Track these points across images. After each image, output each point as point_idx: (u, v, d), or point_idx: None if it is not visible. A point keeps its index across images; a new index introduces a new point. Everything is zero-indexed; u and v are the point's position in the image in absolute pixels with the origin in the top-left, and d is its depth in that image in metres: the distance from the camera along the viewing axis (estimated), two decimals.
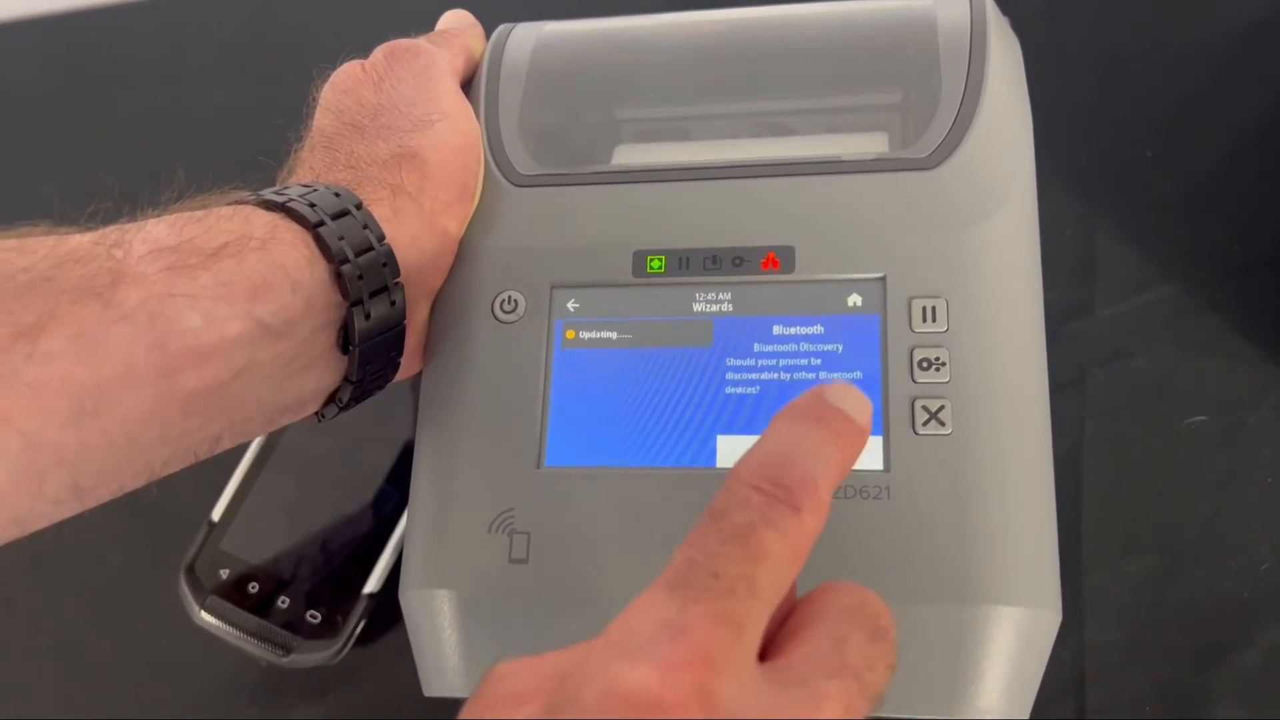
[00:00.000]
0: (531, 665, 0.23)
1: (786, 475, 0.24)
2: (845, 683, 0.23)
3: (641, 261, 0.36)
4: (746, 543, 0.23)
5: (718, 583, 0.22)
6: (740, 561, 0.23)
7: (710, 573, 0.22)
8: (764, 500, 0.24)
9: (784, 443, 0.25)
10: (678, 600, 0.22)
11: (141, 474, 0.31)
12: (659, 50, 0.43)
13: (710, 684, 0.21)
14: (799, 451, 0.25)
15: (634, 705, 0.20)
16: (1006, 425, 0.33)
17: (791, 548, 0.24)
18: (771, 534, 0.23)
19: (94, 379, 0.28)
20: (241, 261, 0.31)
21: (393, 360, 0.36)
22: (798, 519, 0.24)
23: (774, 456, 0.25)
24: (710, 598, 0.22)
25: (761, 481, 0.24)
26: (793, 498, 0.24)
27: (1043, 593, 0.32)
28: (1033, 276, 0.35)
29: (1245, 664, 0.40)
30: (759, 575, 0.23)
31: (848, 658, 0.23)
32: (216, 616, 0.45)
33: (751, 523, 0.23)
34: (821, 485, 0.24)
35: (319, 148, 0.37)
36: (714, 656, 0.21)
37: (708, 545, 0.23)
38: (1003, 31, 0.39)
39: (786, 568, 0.24)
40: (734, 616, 0.22)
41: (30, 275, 0.28)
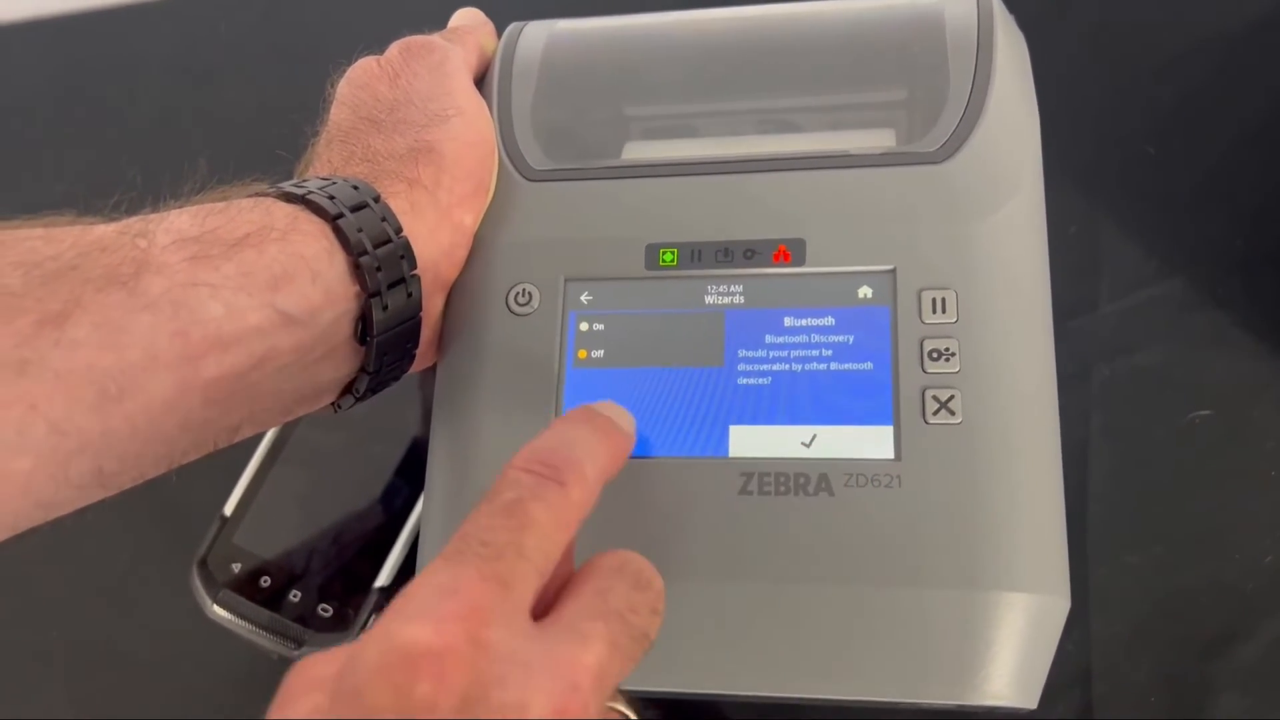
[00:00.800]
0: (328, 653, 0.24)
1: (553, 458, 0.27)
2: (609, 623, 0.26)
3: (654, 254, 0.37)
4: (513, 514, 0.26)
5: (486, 549, 0.25)
6: (508, 530, 0.25)
7: (480, 542, 0.25)
8: (532, 479, 0.27)
9: (554, 437, 0.29)
10: (450, 567, 0.25)
11: (163, 461, 0.31)
12: (668, 48, 0.43)
13: (481, 633, 0.23)
14: (566, 441, 0.28)
15: (410, 657, 0.22)
16: (1016, 414, 0.33)
17: (557, 517, 0.26)
18: (537, 505, 0.26)
19: (118, 366, 0.29)
20: (262, 252, 0.31)
21: (409, 351, 0.36)
22: (563, 492, 0.27)
23: (544, 446, 0.28)
24: (479, 561, 0.25)
25: (531, 464, 0.27)
26: (559, 475, 0.27)
27: (1052, 579, 0.32)
28: (1041, 268, 0.36)
29: (1249, 655, 0.41)
30: (526, 541, 0.25)
31: (611, 603, 0.26)
32: (229, 610, 0.45)
33: (520, 498, 0.26)
34: (587, 467, 0.28)
35: (336, 142, 0.37)
36: (483, 609, 0.24)
37: (479, 520, 0.26)
38: (1009, 27, 0.40)
39: (553, 534, 0.26)
40: (501, 576, 0.24)
41: (57, 263, 0.29)
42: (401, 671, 0.22)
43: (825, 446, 0.34)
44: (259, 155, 0.40)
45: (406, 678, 0.22)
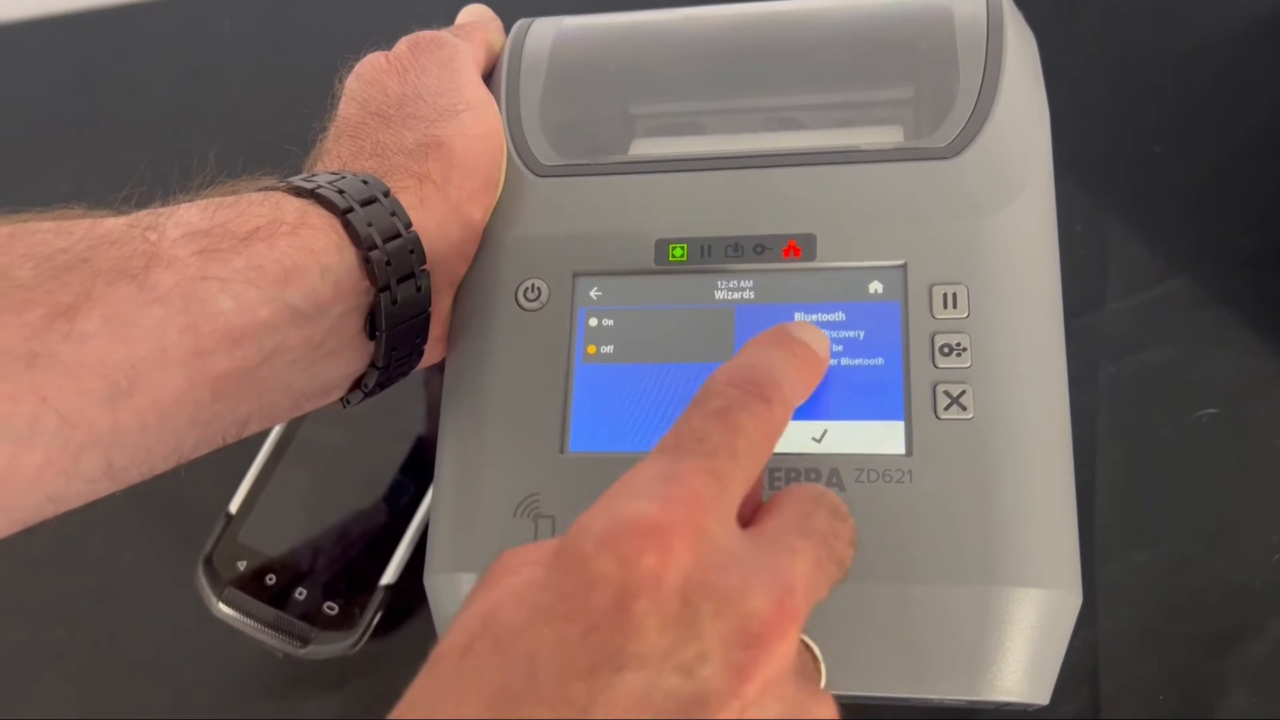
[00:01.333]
0: (533, 544, 0.25)
1: (755, 376, 0.28)
2: (814, 541, 0.26)
3: (664, 250, 0.37)
4: (725, 420, 0.26)
5: (703, 446, 0.26)
6: (721, 433, 0.26)
7: (697, 439, 0.26)
8: (738, 392, 0.27)
9: (752, 357, 0.29)
10: (669, 458, 0.25)
11: (172, 455, 0.31)
12: (676, 45, 0.43)
13: (701, 520, 0.24)
14: (765, 363, 0.29)
15: (638, 529, 0.23)
16: (1027, 409, 0.33)
17: (763, 428, 0.27)
18: (745, 415, 0.27)
19: (128, 359, 0.29)
20: (272, 246, 0.31)
21: (418, 346, 0.36)
22: (767, 407, 0.27)
23: (744, 365, 0.29)
24: (698, 457, 0.25)
25: (735, 379, 0.28)
26: (762, 391, 0.27)
27: (1063, 574, 0.32)
28: (1051, 263, 0.36)
29: (1257, 653, 0.41)
30: (738, 443, 0.26)
31: (815, 524, 0.27)
32: (234, 608, 0.45)
33: (728, 406, 0.27)
34: (785, 387, 0.28)
35: (345, 137, 0.37)
36: (703, 498, 0.24)
37: (692, 422, 0.26)
38: (1018, 23, 0.40)
39: (761, 443, 0.27)
40: (719, 472, 0.25)
41: (68, 256, 0.29)
42: (629, 542, 0.23)
43: (836, 442, 0.33)
44: (267, 150, 0.41)
45: (633, 548, 0.22)
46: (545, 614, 0.22)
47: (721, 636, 0.22)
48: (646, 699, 0.21)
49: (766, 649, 0.23)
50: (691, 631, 0.22)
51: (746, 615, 0.23)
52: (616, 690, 0.21)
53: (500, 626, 0.23)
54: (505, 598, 0.23)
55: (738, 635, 0.23)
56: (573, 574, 0.23)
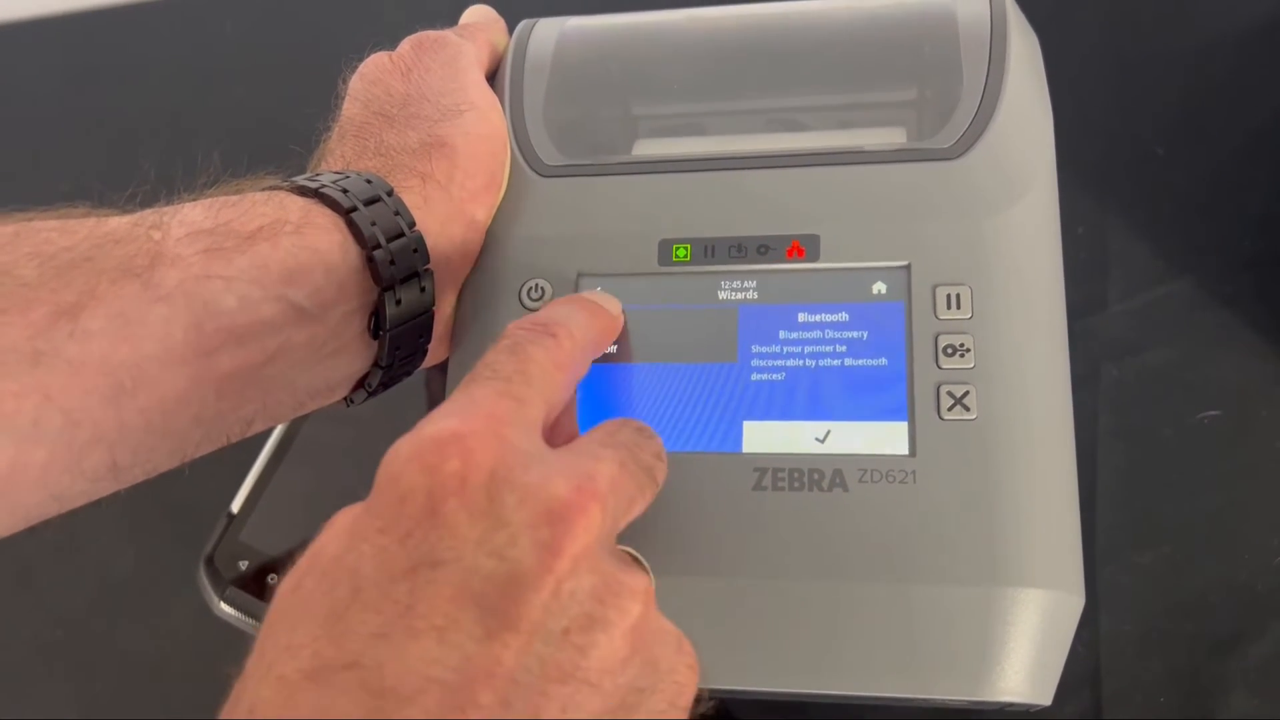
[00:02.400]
0: None
1: (542, 319, 0.31)
2: (618, 451, 0.28)
3: (667, 250, 0.37)
4: (514, 352, 0.29)
5: (496, 373, 0.28)
6: (513, 362, 0.28)
7: (489, 369, 0.28)
8: (526, 331, 0.30)
9: (543, 312, 0.32)
10: (464, 387, 0.27)
11: (176, 454, 0.31)
12: (679, 46, 0.43)
13: (501, 430, 0.25)
14: (553, 311, 0.32)
15: (439, 441, 0.24)
16: (1030, 410, 0.33)
17: (551, 357, 0.29)
18: (534, 347, 0.29)
19: (133, 358, 0.28)
20: (276, 245, 0.31)
21: (421, 346, 0.36)
22: (554, 340, 0.30)
23: (537, 315, 0.31)
24: (493, 382, 0.27)
25: (524, 323, 0.30)
26: (548, 329, 0.30)
27: (1066, 575, 0.32)
28: (1054, 264, 0.36)
29: (1258, 654, 0.41)
30: (530, 369, 0.28)
31: (620, 438, 0.29)
32: (236, 608, 0.45)
33: (518, 341, 0.29)
34: (575, 329, 0.31)
35: (349, 136, 0.37)
36: (501, 415, 0.26)
37: (486, 358, 0.29)
38: (1022, 25, 0.40)
39: (552, 372, 0.29)
40: (514, 393, 0.27)
41: (72, 255, 0.29)
42: (433, 454, 0.24)
43: (839, 442, 0.33)
44: (271, 150, 0.40)
45: (437, 458, 0.24)
46: (364, 533, 0.24)
47: (527, 521, 0.24)
48: (465, 586, 0.23)
49: (570, 525, 0.24)
50: (498, 520, 0.24)
51: (549, 498, 0.24)
52: (437, 583, 0.23)
53: (325, 558, 0.24)
54: (329, 536, 0.25)
55: (542, 516, 0.24)
56: (386, 492, 0.24)
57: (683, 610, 0.32)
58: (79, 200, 0.32)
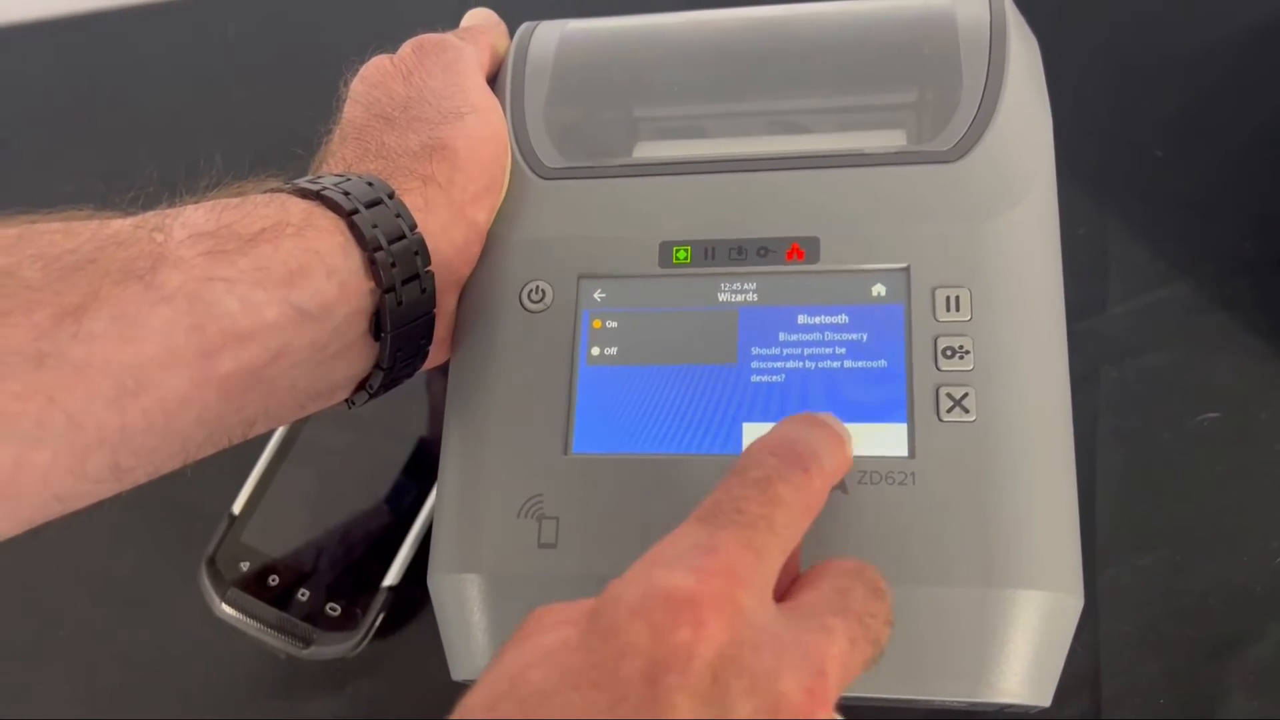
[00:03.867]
0: (568, 604, 0.25)
1: (796, 446, 0.28)
2: (849, 621, 0.26)
3: (668, 252, 0.37)
4: (764, 490, 0.27)
5: (741, 517, 0.26)
6: (760, 504, 0.26)
7: (735, 509, 0.26)
8: (778, 461, 0.28)
9: (792, 429, 0.30)
10: (707, 528, 0.25)
11: (178, 455, 0.31)
12: (680, 49, 0.43)
13: (737, 594, 0.24)
14: (805, 436, 0.29)
15: (672, 601, 0.23)
16: (1029, 412, 0.33)
17: (802, 499, 0.27)
18: (785, 486, 0.27)
19: (135, 360, 0.29)
20: (278, 247, 0.31)
21: (422, 348, 0.36)
22: (806, 477, 0.28)
23: (783, 436, 0.29)
24: (736, 528, 0.25)
25: (776, 448, 0.28)
26: (802, 461, 0.28)
27: (1065, 577, 0.32)
28: (1054, 267, 0.36)
29: (1258, 656, 0.41)
30: (776, 515, 0.26)
31: (851, 603, 0.27)
32: (237, 609, 0.45)
33: (768, 476, 0.27)
34: (824, 459, 0.29)
35: (350, 139, 0.37)
36: (739, 572, 0.24)
37: (731, 491, 0.27)
38: (1021, 28, 0.40)
39: (799, 514, 0.27)
40: (756, 545, 0.25)
41: (75, 257, 0.29)
42: (662, 614, 0.23)
43: None
44: (273, 153, 0.41)
45: (667, 620, 0.23)
46: (574, 679, 0.22)
47: (751, 716, 0.22)
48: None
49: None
50: (721, 709, 0.22)
51: (777, 696, 0.23)
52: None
53: (528, 688, 0.22)
54: (534, 658, 0.23)
55: (768, 716, 0.22)
56: (605, 641, 0.23)
57: None
58: (82, 202, 0.32)
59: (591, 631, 0.23)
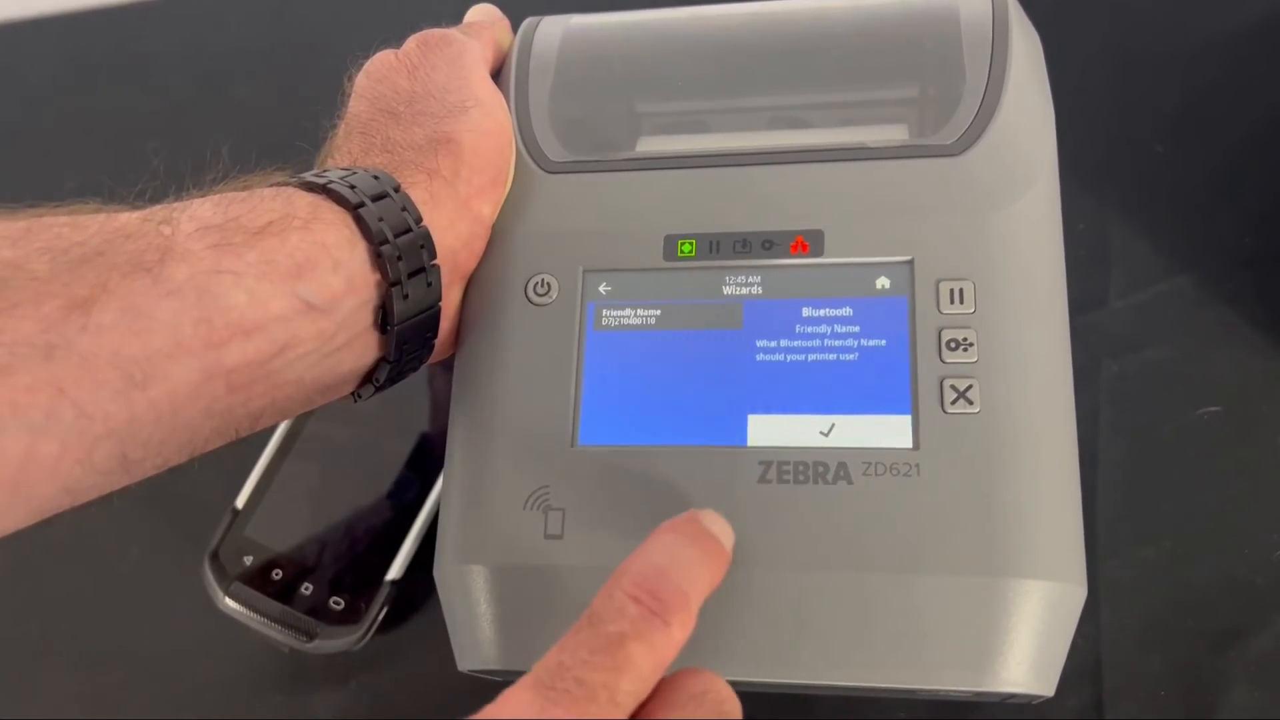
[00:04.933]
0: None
1: (663, 588, 0.27)
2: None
3: (673, 245, 0.37)
4: (614, 653, 0.25)
5: (581, 689, 0.25)
6: (606, 670, 0.25)
7: (575, 679, 0.25)
8: (639, 612, 0.26)
9: (663, 556, 0.28)
10: (540, 700, 0.24)
11: (185, 448, 0.32)
12: (683, 44, 0.43)
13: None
14: (676, 565, 0.28)
15: None
16: (1033, 403, 0.33)
17: (657, 659, 0.26)
18: (640, 647, 0.26)
19: (144, 352, 0.29)
20: (285, 240, 0.32)
21: (428, 341, 0.36)
22: (667, 633, 0.26)
23: (653, 568, 0.28)
24: (570, 703, 0.24)
25: (640, 592, 0.27)
26: (666, 610, 0.27)
27: (1068, 567, 0.32)
28: (1057, 259, 0.36)
29: (1259, 648, 0.41)
30: (621, 684, 0.25)
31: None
32: (240, 603, 0.45)
33: (623, 633, 0.26)
34: (692, 599, 0.27)
35: (355, 133, 0.37)
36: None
37: (579, 652, 0.25)
38: (1023, 22, 0.40)
39: (649, 676, 0.26)
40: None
41: (84, 249, 0.29)
42: None
43: (844, 436, 0.34)
44: (279, 147, 0.41)
45: None
46: None
47: None
48: None
49: None
50: None
51: None
52: None
53: None
54: None
55: None
56: None
57: None
58: (89, 196, 0.32)
59: None
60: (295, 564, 0.46)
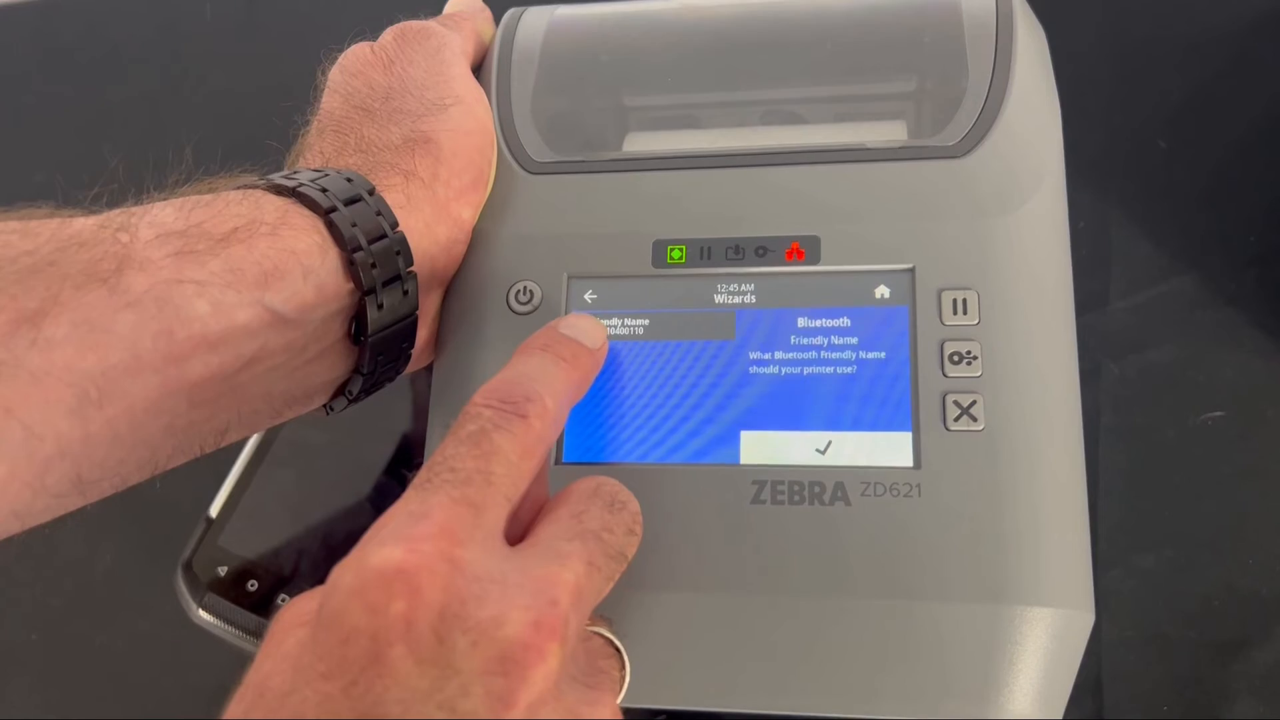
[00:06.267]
0: (303, 597, 0.26)
1: (513, 393, 0.28)
2: (585, 543, 0.27)
3: (662, 251, 0.35)
4: (478, 443, 0.27)
5: (455, 475, 0.26)
6: (474, 458, 0.26)
7: (448, 469, 0.26)
8: (493, 412, 0.28)
9: (513, 370, 0.30)
10: (420, 494, 0.26)
11: (146, 466, 0.30)
12: (673, 35, 0.42)
13: (454, 552, 0.24)
14: (526, 375, 0.29)
15: (385, 576, 0.23)
16: (1039, 421, 0.32)
17: (521, 445, 0.27)
18: (501, 435, 0.27)
19: (99, 368, 0.27)
20: (251, 247, 0.30)
21: (404, 351, 0.35)
22: (525, 423, 0.28)
23: (503, 379, 0.29)
24: (449, 487, 0.26)
25: (491, 399, 0.28)
26: (519, 408, 0.28)
27: (1076, 593, 0.31)
28: (1064, 267, 0.35)
29: (1264, 661, 0.40)
30: (493, 467, 0.26)
31: (586, 524, 0.28)
32: (214, 615, 0.44)
33: (482, 429, 0.27)
34: (547, 398, 0.29)
35: (328, 131, 0.36)
36: (455, 530, 0.25)
37: (446, 450, 0.27)
38: (1028, 17, 0.39)
39: (519, 462, 0.27)
40: (472, 499, 0.26)
41: (34, 259, 0.27)
42: (376, 591, 0.23)
43: (841, 453, 0.33)
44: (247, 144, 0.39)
45: (381, 597, 0.23)
46: (308, 675, 0.23)
47: (480, 667, 0.23)
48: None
49: (525, 671, 0.23)
50: (450, 668, 0.23)
51: (503, 641, 0.23)
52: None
53: (271, 694, 0.23)
54: (276, 664, 0.24)
55: (496, 663, 0.23)
56: (330, 630, 0.23)
57: (679, 628, 0.31)
58: (41, 200, 0.30)
59: (319, 624, 0.24)
60: (271, 574, 0.45)
